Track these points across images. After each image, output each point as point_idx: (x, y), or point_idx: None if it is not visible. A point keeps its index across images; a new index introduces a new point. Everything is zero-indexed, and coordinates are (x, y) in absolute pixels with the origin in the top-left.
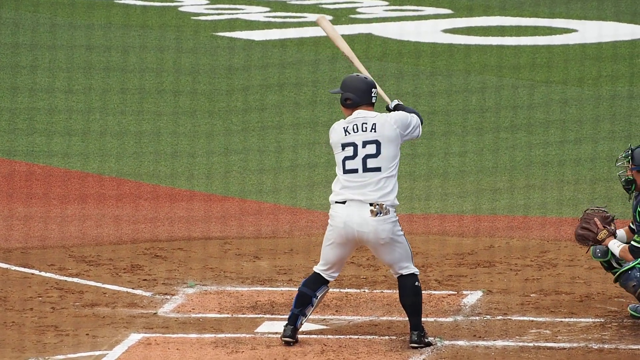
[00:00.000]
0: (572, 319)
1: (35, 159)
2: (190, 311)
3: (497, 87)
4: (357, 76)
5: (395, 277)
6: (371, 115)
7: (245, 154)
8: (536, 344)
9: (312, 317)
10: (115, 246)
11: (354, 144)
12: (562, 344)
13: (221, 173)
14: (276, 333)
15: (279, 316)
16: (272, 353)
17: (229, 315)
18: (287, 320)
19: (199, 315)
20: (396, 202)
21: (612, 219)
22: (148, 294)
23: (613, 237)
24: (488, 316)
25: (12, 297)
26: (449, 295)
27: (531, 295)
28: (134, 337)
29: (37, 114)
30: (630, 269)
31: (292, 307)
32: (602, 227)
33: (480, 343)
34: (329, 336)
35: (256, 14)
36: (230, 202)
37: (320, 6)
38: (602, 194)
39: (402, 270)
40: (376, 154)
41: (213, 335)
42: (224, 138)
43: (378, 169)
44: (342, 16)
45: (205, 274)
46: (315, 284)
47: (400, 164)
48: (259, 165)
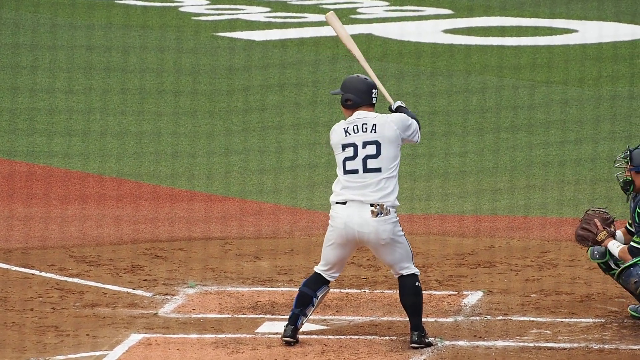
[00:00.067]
0: (572, 319)
1: (35, 159)
2: (190, 311)
3: (498, 87)
4: (357, 77)
5: (396, 277)
6: (371, 116)
7: (246, 154)
8: (537, 344)
9: (312, 317)
10: (115, 246)
11: (354, 145)
12: (562, 344)
13: (222, 173)
14: (277, 333)
15: (280, 316)
16: (273, 353)
17: (230, 316)
18: (288, 321)
19: (200, 316)
20: (397, 203)
21: (612, 221)
22: (148, 294)
23: (613, 238)
24: (488, 316)
25: (12, 297)
26: (449, 295)
27: (532, 296)
28: (135, 338)
29: (37, 114)
30: (631, 265)
31: (293, 307)
32: (602, 228)
33: (481, 343)
34: (329, 336)
35: (257, 14)
36: (230, 202)
37: (321, 6)
38: (602, 195)
39: (402, 270)
40: (376, 154)
41: (213, 336)
42: (224, 138)
43: (378, 170)
44: (342, 16)
45: (206, 274)
46: (316, 284)
47: (401, 164)
48: (259, 165)
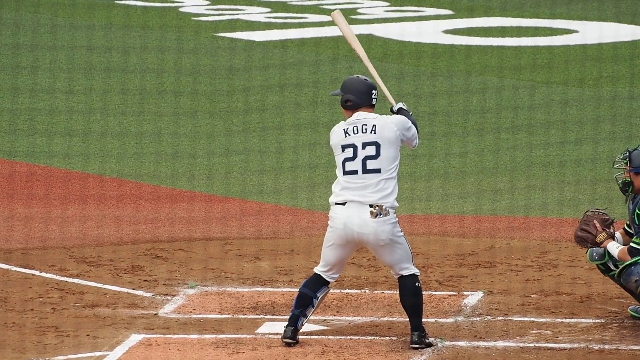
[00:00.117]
0: (572, 320)
1: (36, 159)
2: (191, 312)
3: (498, 87)
4: (357, 78)
5: (396, 277)
6: (371, 117)
7: (246, 155)
8: (537, 345)
9: (312, 317)
10: (115, 247)
11: (353, 146)
12: (562, 345)
13: (222, 174)
14: (277, 334)
15: (280, 317)
16: (273, 354)
17: (230, 316)
18: (288, 322)
19: (200, 316)
20: (396, 204)
21: (611, 222)
22: (149, 294)
23: (612, 239)
24: (489, 317)
25: (12, 297)
26: (449, 295)
27: (532, 296)
28: (135, 338)
29: (37, 115)
30: (631, 264)
31: (293, 308)
32: (601, 230)
33: (481, 344)
34: (329, 337)
35: (257, 14)
36: (231, 202)
37: (321, 7)
38: (602, 195)
39: (402, 271)
40: (376, 155)
41: (214, 336)
42: (224, 139)
43: (377, 171)
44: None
45: (206, 274)
46: (315, 285)
47: (401, 165)
48: (259, 166)
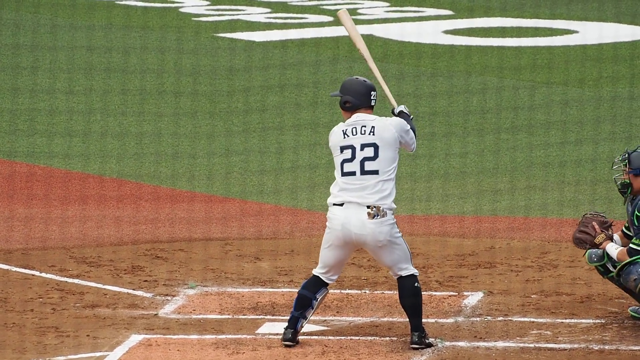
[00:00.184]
0: (572, 320)
1: (36, 160)
2: (191, 312)
3: (498, 88)
4: (356, 79)
5: (395, 278)
6: (370, 119)
7: (246, 155)
8: (537, 345)
9: (313, 318)
10: (116, 247)
11: (352, 147)
12: (562, 345)
13: (222, 174)
14: (277, 334)
15: (280, 317)
16: (273, 354)
17: (230, 316)
18: (287, 323)
19: (200, 316)
20: (393, 206)
21: (609, 225)
22: (149, 295)
23: (610, 241)
24: (489, 317)
25: (12, 298)
26: (449, 296)
27: (532, 296)
28: (135, 338)
29: (37, 115)
30: (631, 264)
31: (292, 309)
32: (600, 231)
33: (481, 344)
34: (329, 337)
35: (257, 15)
36: (231, 203)
37: (322, 7)
38: (602, 195)
39: (401, 271)
40: (374, 156)
41: (214, 337)
42: (224, 139)
43: (376, 172)
44: None
45: (206, 275)
46: (315, 286)
47: (401, 165)
48: (259, 166)
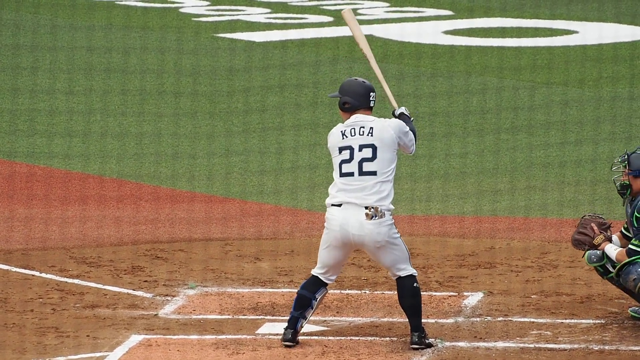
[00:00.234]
0: (572, 320)
1: (36, 160)
2: (191, 312)
3: (498, 88)
4: (355, 80)
5: (394, 279)
6: (369, 120)
7: (246, 155)
8: (537, 345)
9: (312, 318)
10: (116, 247)
11: (350, 147)
12: (562, 345)
13: (222, 174)
14: (277, 334)
15: (280, 317)
16: (273, 354)
17: (230, 317)
18: (287, 323)
19: (200, 317)
20: (391, 207)
21: (608, 226)
22: (149, 295)
23: (609, 242)
24: (489, 317)
25: (12, 298)
26: (449, 296)
27: (532, 297)
28: (135, 339)
29: (37, 115)
30: (630, 264)
31: (292, 310)
32: (598, 232)
33: (481, 344)
34: (329, 337)
35: (257, 15)
36: (231, 203)
37: (322, 7)
38: (602, 195)
39: (399, 272)
40: (372, 157)
41: (214, 337)
42: (224, 139)
43: (374, 173)
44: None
45: (206, 275)
46: (314, 286)
47: (401, 166)
48: (259, 166)
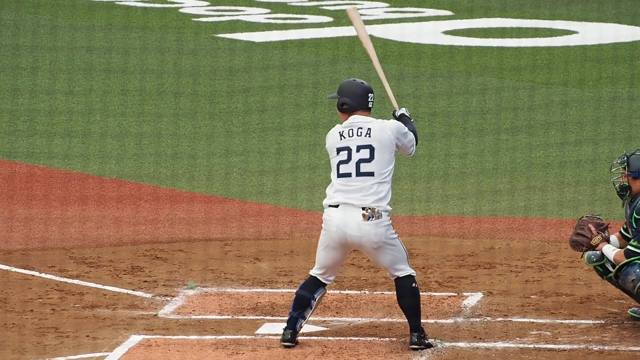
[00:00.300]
0: (572, 321)
1: (35, 160)
2: (190, 313)
3: (498, 88)
4: (354, 81)
5: (392, 279)
6: (367, 121)
7: (246, 156)
8: (536, 346)
9: (312, 318)
10: (115, 248)
11: (348, 148)
12: (562, 346)
13: (222, 174)
14: (277, 335)
15: (280, 318)
16: (273, 355)
17: (230, 317)
18: (286, 324)
19: (200, 317)
20: (389, 208)
21: (606, 227)
22: (148, 295)
23: (607, 242)
24: (488, 318)
25: (12, 298)
26: (449, 296)
27: (531, 297)
28: (135, 339)
29: (37, 116)
30: (628, 265)
31: (291, 310)
32: (596, 233)
33: (481, 344)
34: (329, 338)
35: (257, 15)
36: (230, 203)
37: (321, 7)
38: (602, 196)
39: (398, 272)
40: (370, 158)
41: (213, 337)
42: (224, 139)
43: (371, 174)
44: (342, 17)
45: (206, 275)
46: (312, 286)
47: (401, 166)
48: (259, 166)
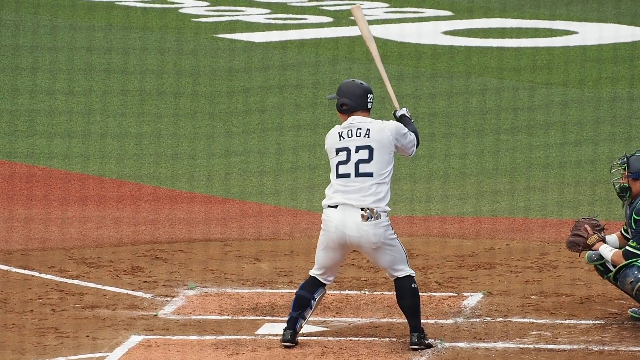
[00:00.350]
0: (572, 321)
1: (35, 160)
2: (190, 313)
3: (498, 88)
4: (353, 81)
5: (392, 280)
6: (366, 121)
7: (246, 156)
8: (536, 346)
9: (312, 318)
10: (115, 248)
11: (347, 149)
12: (562, 346)
13: (222, 175)
14: (277, 335)
15: (280, 318)
16: (273, 355)
17: (230, 317)
18: (286, 324)
19: (200, 317)
20: (387, 208)
21: (602, 228)
22: (148, 295)
23: (603, 242)
24: (488, 318)
25: (12, 299)
26: (449, 297)
27: (531, 297)
28: (135, 339)
29: (37, 116)
30: (627, 266)
31: (291, 310)
32: (592, 233)
33: (481, 345)
34: (329, 338)
35: (257, 15)
36: (230, 203)
37: (321, 8)
38: (602, 196)
39: (397, 272)
40: (368, 159)
41: (213, 337)
42: (224, 140)
43: (370, 175)
44: (342, 17)
45: (206, 275)
46: (312, 286)
47: (401, 166)
48: (259, 167)
